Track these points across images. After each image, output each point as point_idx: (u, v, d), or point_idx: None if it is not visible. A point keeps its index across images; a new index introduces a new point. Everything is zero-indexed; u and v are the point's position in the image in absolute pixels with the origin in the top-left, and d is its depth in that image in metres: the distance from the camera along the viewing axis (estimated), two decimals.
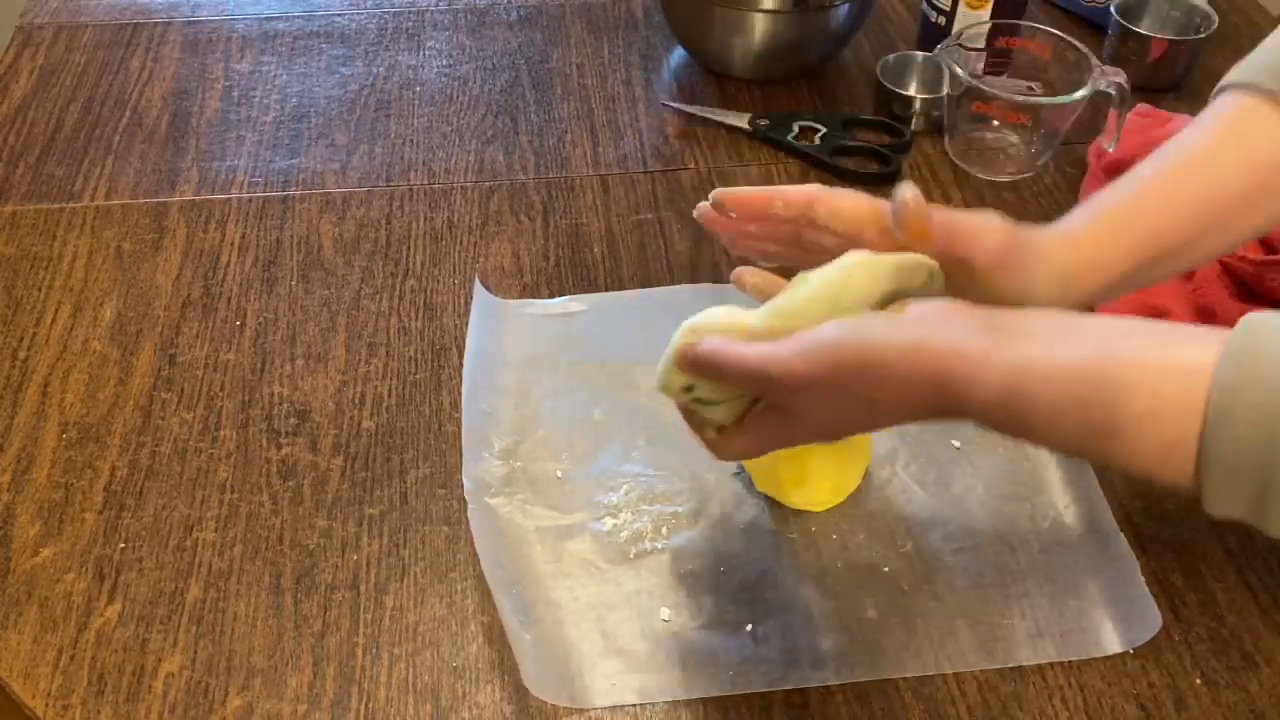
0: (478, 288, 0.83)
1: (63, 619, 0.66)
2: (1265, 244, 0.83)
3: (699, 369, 0.54)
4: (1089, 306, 0.61)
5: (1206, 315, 0.81)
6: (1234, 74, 0.62)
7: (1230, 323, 0.82)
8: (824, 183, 0.61)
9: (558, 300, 0.85)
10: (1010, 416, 0.47)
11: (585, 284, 0.87)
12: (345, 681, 0.63)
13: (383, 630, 0.65)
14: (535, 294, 0.86)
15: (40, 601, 0.66)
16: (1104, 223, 0.60)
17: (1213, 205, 0.60)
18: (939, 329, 0.49)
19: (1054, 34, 0.94)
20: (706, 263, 0.88)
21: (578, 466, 0.73)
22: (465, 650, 0.65)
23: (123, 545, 0.69)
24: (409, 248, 0.90)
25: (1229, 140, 0.60)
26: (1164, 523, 0.71)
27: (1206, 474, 0.42)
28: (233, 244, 0.90)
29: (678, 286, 0.86)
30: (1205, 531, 0.70)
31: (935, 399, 0.48)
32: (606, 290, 0.86)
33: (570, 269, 0.88)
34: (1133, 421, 0.44)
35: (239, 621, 0.66)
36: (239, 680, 0.63)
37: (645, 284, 0.86)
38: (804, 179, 0.97)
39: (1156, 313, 0.82)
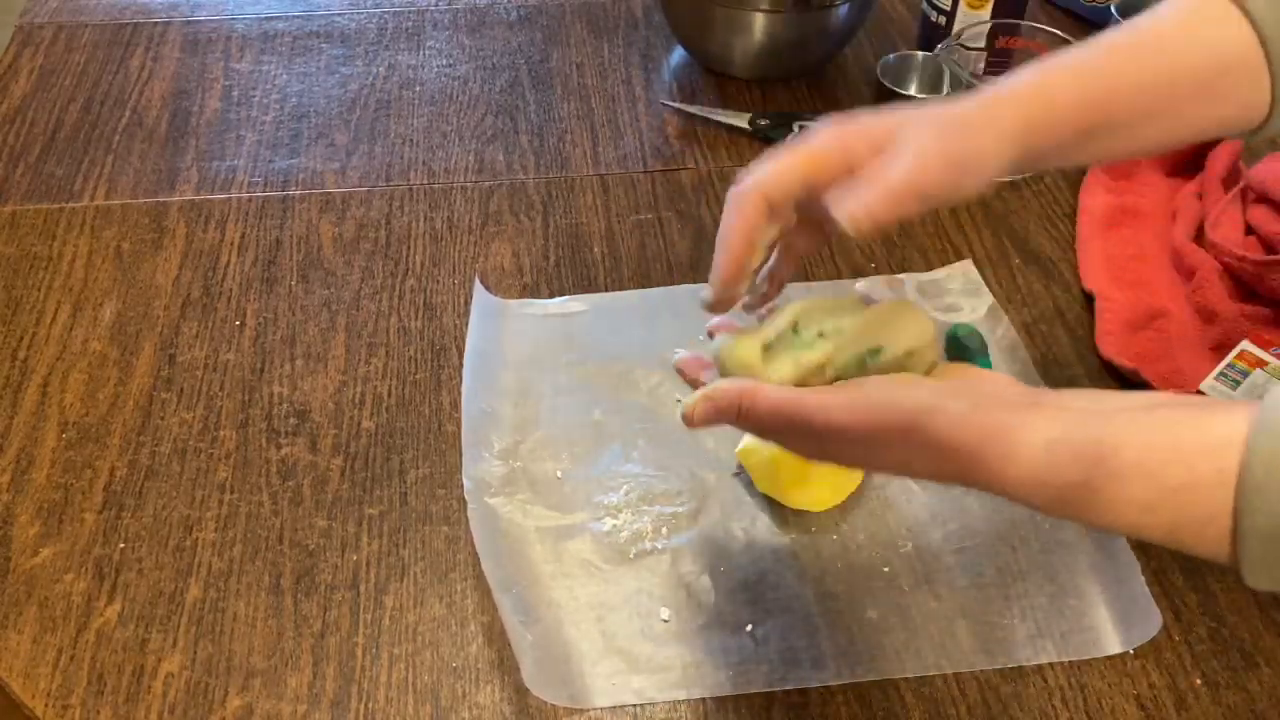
0: (478, 287, 0.83)
1: (62, 619, 0.66)
2: (1265, 244, 0.83)
3: (739, 415, 0.53)
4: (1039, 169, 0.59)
5: (1207, 315, 0.81)
6: None
7: (1230, 323, 0.82)
8: None
9: (557, 300, 0.85)
10: (1045, 491, 0.46)
11: (585, 284, 0.87)
12: (345, 681, 0.63)
13: (382, 630, 0.65)
14: (535, 294, 0.86)
15: (40, 601, 0.66)
16: (1053, 75, 0.58)
17: (1167, 78, 0.58)
18: (982, 403, 0.48)
19: (1054, 34, 0.94)
20: (706, 263, 0.87)
21: (578, 466, 0.73)
22: (465, 650, 0.65)
23: (122, 545, 0.69)
24: (409, 248, 0.90)
25: (1188, 24, 0.59)
26: None
27: (1242, 548, 0.42)
28: (232, 244, 0.90)
29: (678, 286, 0.86)
30: None
31: (970, 469, 0.48)
32: (606, 290, 0.86)
33: (570, 269, 0.88)
34: (1169, 493, 0.43)
35: (239, 621, 0.66)
36: (239, 680, 0.63)
37: (645, 284, 0.86)
38: None
39: (1156, 313, 0.82)
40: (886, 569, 0.68)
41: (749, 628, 0.65)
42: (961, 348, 0.79)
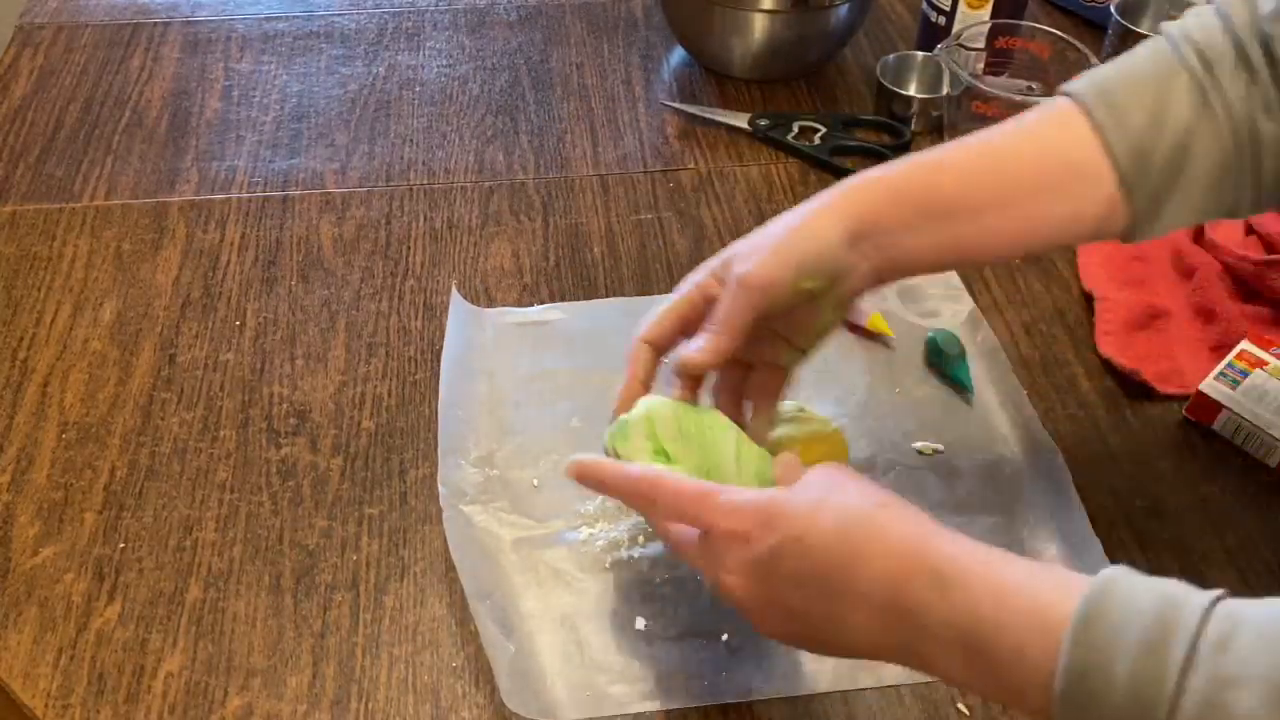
0: (454, 296, 0.83)
1: (63, 619, 0.66)
2: (1265, 244, 0.83)
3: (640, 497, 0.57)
4: (893, 266, 0.62)
5: (1206, 315, 0.81)
6: (1070, 83, 0.63)
7: (1230, 322, 0.82)
8: (824, 182, 0.61)
9: (535, 308, 0.84)
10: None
11: (585, 284, 0.87)
12: (345, 681, 0.63)
13: (382, 630, 0.65)
14: (535, 294, 0.86)
15: (40, 601, 0.66)
16: (888, 165, 0.63)
17: (999, 178, 0.61)
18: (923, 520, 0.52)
19: (1054, 34, 0.94)
20: None
21: (554, 474, 0.73)
22: (465, 650, 0.65)
23: (123, 545, 0.69)
24: (409, 248, 0.90)
25: (1034, 132, 0.63)
26: (1164, 523, 0.71)
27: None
28: (233, 244, 0.90)
29: (654, 296, 0.85)
30: (1205, 531, 0.70)
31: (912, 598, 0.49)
32: (606, 290, 0.86)
33: (570, 269, 0.88)
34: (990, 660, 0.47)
35: (239, 621, 0.66)
36: (239, 680, 0.63)
37: (645, 284, 0.86)
38: (804, 178, 0.97)
39: (1157, 313, 0.82)
40: None
41: (724, 636, 0.65)
42: (940, 354, 0.79)
